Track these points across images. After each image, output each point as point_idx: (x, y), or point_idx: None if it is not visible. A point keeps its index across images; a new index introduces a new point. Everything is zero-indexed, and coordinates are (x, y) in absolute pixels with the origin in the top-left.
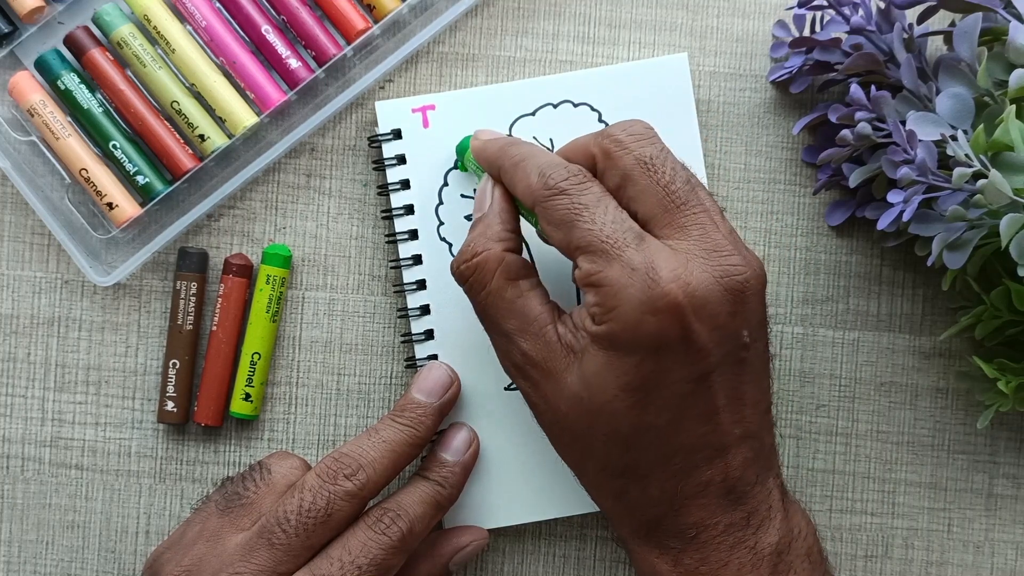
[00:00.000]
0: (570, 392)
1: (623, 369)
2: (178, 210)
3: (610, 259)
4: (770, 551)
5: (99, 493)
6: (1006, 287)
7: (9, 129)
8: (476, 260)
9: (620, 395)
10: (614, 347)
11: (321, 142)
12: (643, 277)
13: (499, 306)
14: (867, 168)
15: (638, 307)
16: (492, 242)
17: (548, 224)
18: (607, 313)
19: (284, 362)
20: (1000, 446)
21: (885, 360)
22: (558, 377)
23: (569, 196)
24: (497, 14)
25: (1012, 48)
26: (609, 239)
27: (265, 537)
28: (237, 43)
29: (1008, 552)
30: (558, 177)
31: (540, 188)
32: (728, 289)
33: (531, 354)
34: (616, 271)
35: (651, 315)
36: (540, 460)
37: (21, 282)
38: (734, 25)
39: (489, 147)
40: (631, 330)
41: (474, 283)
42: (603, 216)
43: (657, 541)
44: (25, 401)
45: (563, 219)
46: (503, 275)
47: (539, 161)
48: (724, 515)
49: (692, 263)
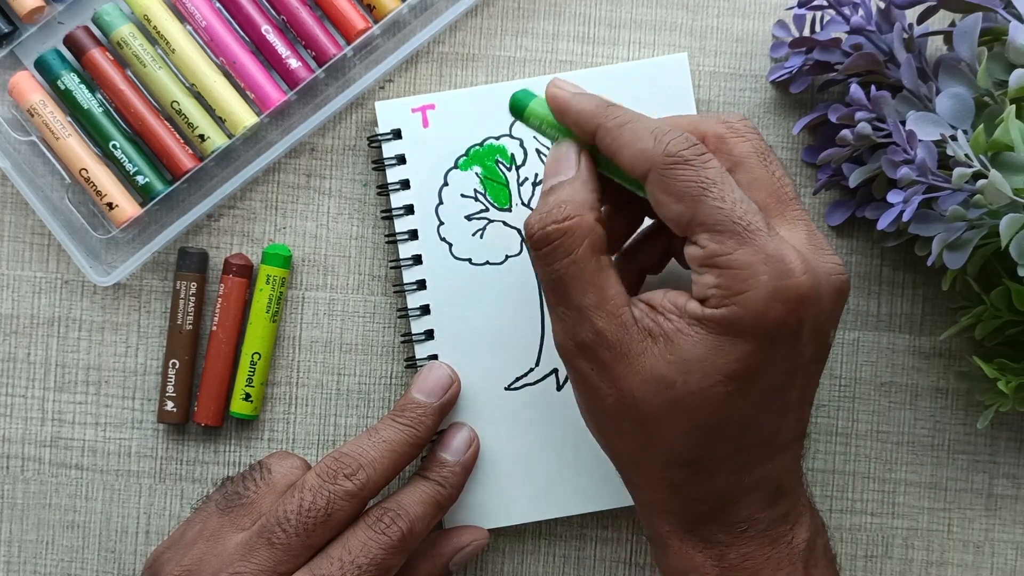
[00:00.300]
0: (652, 375)
1: (734, 356)
2: (178, 210)
3: (742, 241)
4: (803, 547)
5: (99, 493)
6: (1006, 287)
7: (9, 129)
8: (568, 224)
9: (722, 381)
10: (729, 332)
11: (321, 142)
12: (778, 264)
13: (581, 278)
14: (867, 168)
15: (770, 294)
16: (585, 209)
17: (666, 194)
18: (731, 296)
19: (284, 362)
20: (1000, 446)
21: (885, 360)
22: (633, 360)
23: (694, 167)
24: (497, 14)
25: (1012, 48)
26: (741, 220)
27: (265, 537)
28: (237, 43)
29: (1008, 552)
30: (680, 145)
31: (658, 154)
32: (835, 288)
33: (606, 333)
34: (748, 255)
35: (780, 304)
36: (540, 460)
37: (21, 282)
38: (734, 25)
39: (581, 102)
40: (757, 316)
41: (559, 248)
42: (732, 194)
43: (703, 535)
44: (25, 401)
45: (687, 191)
46: (591, 245)
47: (650, 124)
48: (770, 511)
49: (809, 256)
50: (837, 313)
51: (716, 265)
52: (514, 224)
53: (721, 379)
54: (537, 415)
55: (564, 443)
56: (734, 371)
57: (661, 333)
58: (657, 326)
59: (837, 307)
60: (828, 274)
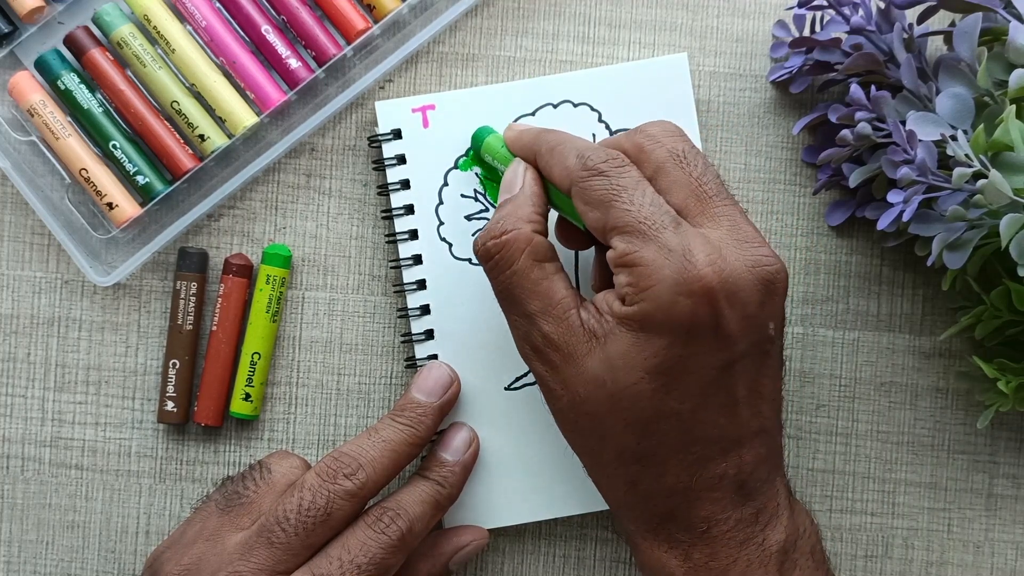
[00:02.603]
0: (591, 375)
1: (651, 351)
2: (178, 210)
3: (647, 240)
4: (777, 548)
5: (99, 493)
6: (1006, 287)
7: (9, 129)
8: (505, 238)
9: (645, 378)
10: (644, 328)
11: (321, 142)
12: (679, 259)
13: (524, 286)
14: (867, 168)
15: (672, 288)
16: (522, 222)
17: (585, 204)
18: (640, 293)
19: (284, 362)
20: (1000, 446)
21: (885, 360)
22: (579, 361)
23: (608, 177)
24: (497, 14)
25: (1012, 48)
26: (647, 220)
27: (265, 536)
28: (237, 43)
29: (1008, 552)
30: (597, 159)
31: (578, 169)
32: (759, 279)
33: (552, 337)
34: (652, 252)
35: (685, 297)
36: (540, 460)
37: (21, 282)
38: (734, 25)
39: (525, 135)
40: (664, 311)
41: (500, 261)
42: (641, 198)
43: (667, 535)
44: (25, 401)
45: (601, 199)
46: (531, 255)
47: (577, 144)
48: (735, 510)
49: (726, 250)
50: (772, 305)
51: (626, 264)
52: None
53: (643, 375)
54: (537, 415)
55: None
56: (654, 366)
57: (600, 334)
58: (600, 327)
59: (770, 299)
60: (751, 266)
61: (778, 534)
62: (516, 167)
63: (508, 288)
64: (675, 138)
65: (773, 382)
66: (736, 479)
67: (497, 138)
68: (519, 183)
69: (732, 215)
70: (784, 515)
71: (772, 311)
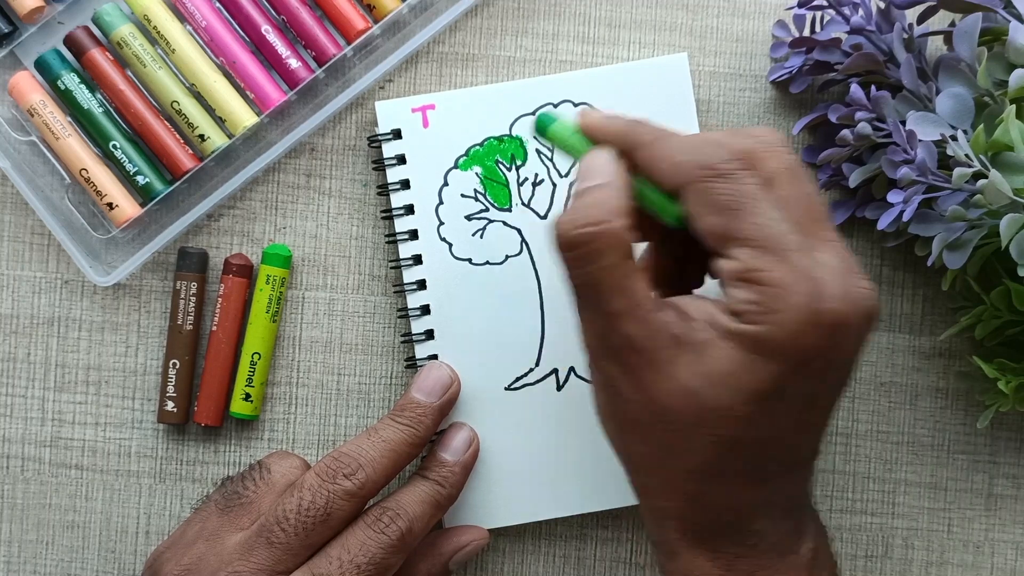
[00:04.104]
0: (680, 385)
1: (763, 375)
2: (178, 210)
3: (779, 259)
4: (809, 557)
5: (99, 493)
6: (1006, 287)
7: (9, 129)
8: (597, 229)
9: (749, 399)
10: (759, 351)
11: (321, 142)
12: (814, 287)
13: (610, 283)
14: (867, 168)
15: (804, 316)
16: (615, 215)
17: (703, 207)
18: (766, 314)
19: (284, 362)
20: (1000, 446)
21: (885, 360)
22: (661, 367)
23: (731, 182)
24: (497, 14)
25: (1012, 48)
26: (779, 238)
27: (264, 536)
28: (237, 43)
29: (1008, 552)
30: (718, 158)
31: (695, 167)
32: (865, 313)
33: (636, 338)
34: (784, 273)
35: (813, 327)
36: (540, 460)
37: (21, 282)
38: (734, 25)
39: (614, 122)
40: (790, 338)
41: (587, 253)
42: (771, 212)
43: (713, 545)
44: (25, 401)
45: (725, 205)
46: (621, 251)
47: (687, 138)
48: (782, 525)
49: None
50: (865, 339)
51: (752, 280)
52: (514, 224)
53: (747, 396)
54: (537, 415)
55: (564, 443)
56: (761, 390)
57: (691, 342)
58: (686, 334)
59: (867, 332)
60: (862, 300)
61: (810, 542)
62: (602, 154)
63: (592, 283)
64: (788, 149)
65: (835, 411)
66: (790, 496)
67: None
68: (608, 171)
69: (838, 242)
70: (812, 526)
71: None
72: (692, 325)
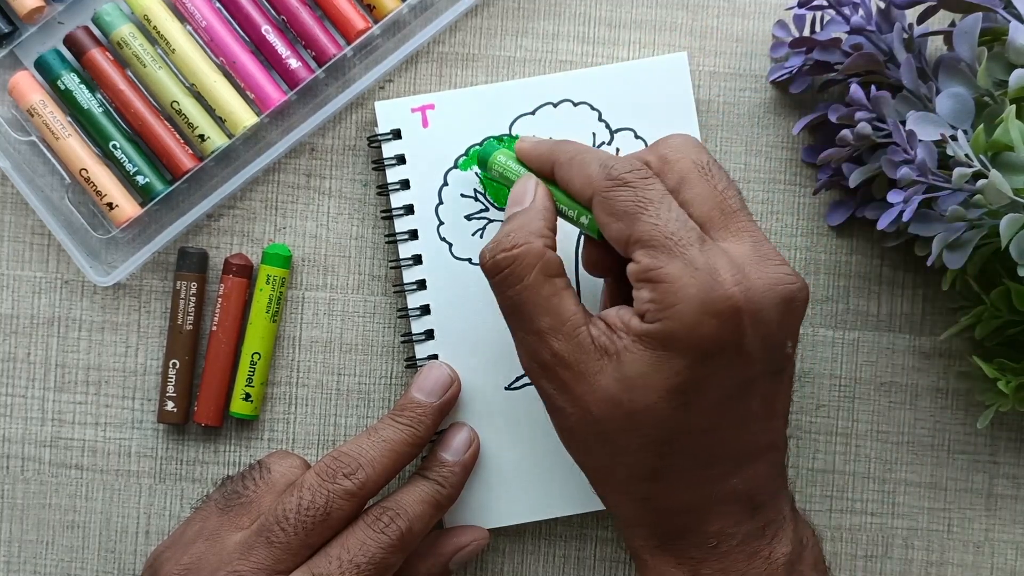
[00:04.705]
0: (605, 394)
1: (672, 370)
2: (178, 210)
3: (672, 256)
4: (783, 561)
5: (99, 493)
6: (1006, 287)
7: (9, 129)
8: (516, 252)
9: (664, 397)
10: (665, 347)
11: (321, 142)
12: (706, 277)
13: (535, 302)
14: (867, 168)
15: (698, 307)
16: (533, 236)
17: (607, 215)
18: (664, 310)
19: (284, 362)
20: (1000, 446)
21: (885, 360)
22: (590, 379)
23: (633, 188)
24: (497, 14)
25: (1012, 48)
26: (673, 236)
27: (264, 535)
28: (237, 43)
29: (1008, 552)
30: (622, 168)
31: (602, 179)
32: (782, 298)
33: (563, 354)
34: (678, 268)
35: (711, 317)
36: (540, 460)
37: (21, 282)
38: (734, 25)
39: (540, 145)
40: (688, 330)
41: (510, 275)
42: (667, 212)
43: (677, 551)
44: (25, 401)
45: (626, 211)
46: (542, 271)
47: (599, 154)
48: (744, 525)
49: (749, 268)
50: (789, 324)
51: (650, 280)
52: None
53: (663, 394)
54: (537, 415)
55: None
56: (674, 385)
57: (613, 351)
58: (611, 344)
59: (787, 318)
60: (773, 285)
61: (784, 547)
62: (527, 180)
63: (517, 304)
64: (699, 150)
65: (785, 399)
66: (746, 494)
67: (505, 153)
68: (530, 196)
69: (753, 231)
70: (789, 528)
71: (790, 330)
72: (615, 334)
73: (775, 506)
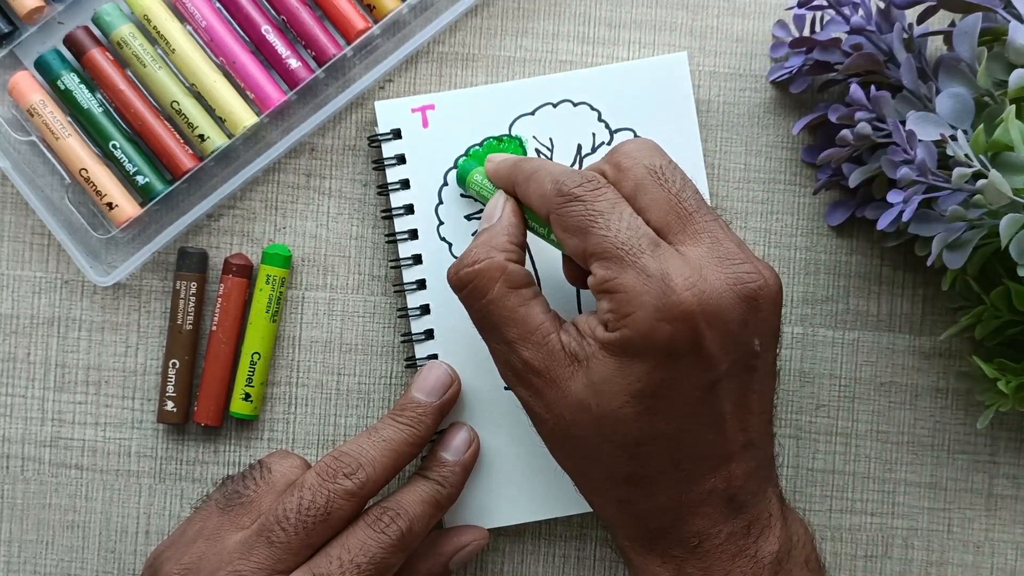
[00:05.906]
0: (575, 399)
1: (634, 376)
2: (178, 210)
3: (625, 266)
4: (770, 560)
5: (99, 493)
6: (1006, 287)
7: (9, 129)
8: (478, 267)
9: (630, 401)
10: (626, 353)
11: (321, 142)
12: (658, 284)
13: (500, 314)
14: (867, 168)
15: (652, 314)
16: (495, 251)
17: (563, 231)
18: (621, 319)
19: (284, 362)
20: (1000, 446)
21: (885, 360)
22: (561, 385)
23: (583, 202)
24: (497, 14)
25: (1012, 48)
26: (624, 245)
27: (264, 535)
28: (237, 43)
29: (1008, 552)
30: (572, 183)
31: (554, 195)
32: (741, 297)
33: (533, 362)
34: (631, 278)
35: (665, 322)
36: (540, 460)
37: (21, 282)
38: (734, 25)
39: (502, 165)
40: (644, 337)
41: (473, 290)
42: (618, 222)
43: (661, 551)
44: (25, 401)
45: (577, 225)
46: (505, 283)
47: (553, 170)
48: (726, 524)
49: (706, 270)
50: (757, 321)
51: (607, 290)
52: None
53: (628, 399)
54: None
55: None
56: (638, 390)
57: (582, 357)
58: (582, 350)
59: (753, 315)
60: (732, 284)
61: (771, 545)
62: (497, 199)
63: (485, 316)
64: (652, 154)
65: (761, 396)
66: (726, 493)
67: (480, 171)
68: (498, 213)
69: (713, 231)
70: (777, 525)
71: (756, 328)
72: (584, 340)
73: (760, 504)
